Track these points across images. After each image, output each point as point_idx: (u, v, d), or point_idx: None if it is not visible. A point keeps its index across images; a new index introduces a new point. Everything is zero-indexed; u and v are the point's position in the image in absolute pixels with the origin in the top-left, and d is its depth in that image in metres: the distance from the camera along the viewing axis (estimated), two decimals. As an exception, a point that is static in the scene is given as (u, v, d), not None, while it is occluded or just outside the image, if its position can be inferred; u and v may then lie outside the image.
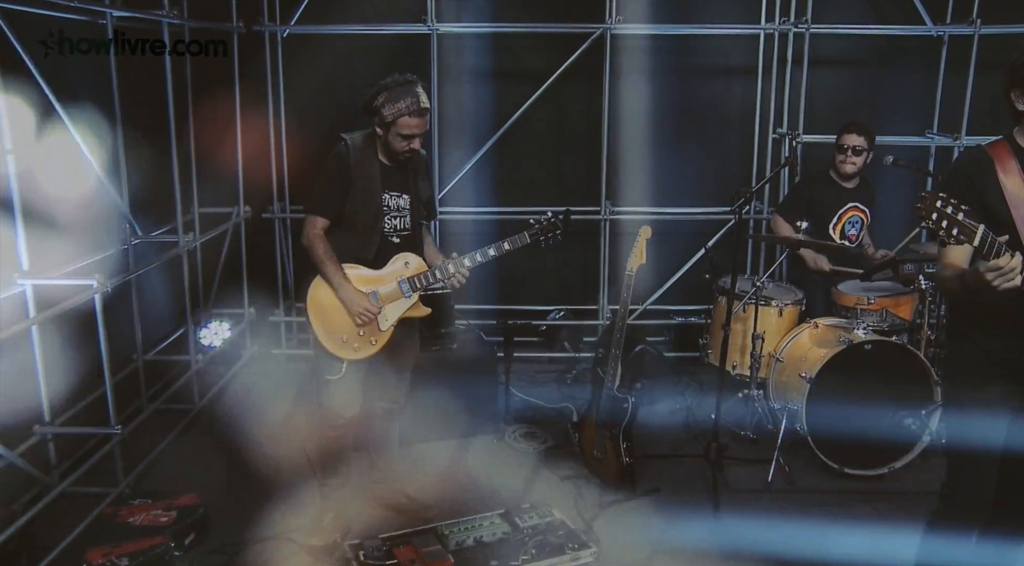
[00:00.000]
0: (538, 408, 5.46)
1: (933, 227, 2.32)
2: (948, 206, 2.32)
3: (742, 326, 4.92)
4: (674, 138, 6.35)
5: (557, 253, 6.55)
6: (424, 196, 3.86)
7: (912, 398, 4.43)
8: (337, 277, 3.61)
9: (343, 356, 3.69)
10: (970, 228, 2.36)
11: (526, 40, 6.19)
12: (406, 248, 3.76)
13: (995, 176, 2.70)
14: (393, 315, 3.72)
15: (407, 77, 3.53)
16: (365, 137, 3.66)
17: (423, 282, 3.72)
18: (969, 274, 2.54)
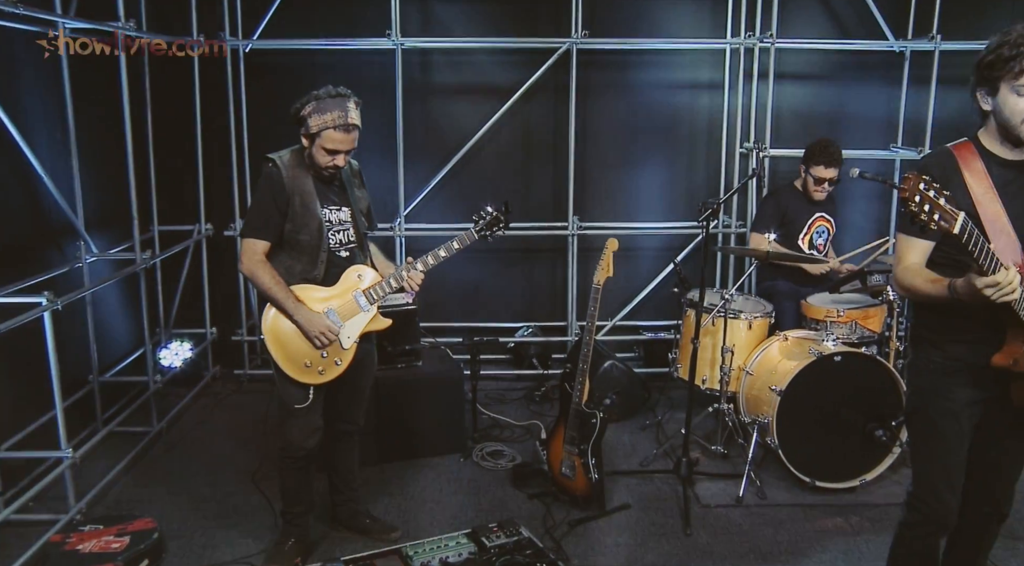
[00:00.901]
0: (506, 426, 5.37)
1: (916, 210, 2.26)
2: (931, 189, 2.27)
3: (711, 340, 4.86)
4: (642, 153, 6.35)
5: (525, 269, 6.52)
6: (363, 206, 3.73)
7: (882, 409, 4.40)
8: (289, 301, 3.44)
9: (309, 382, 3.53)
10: (951, 214, 2.30)
11: (492, 55, 6.15)
12: (355, 261, 3.64)
13: (960, 177, 2.66)
14: (354, 331, 3.60)
15: (340, 90, 3.37)
16: (293, 154, 3.51)
17: (380, 293, 3.61)
18: (959, 287, 2.50)
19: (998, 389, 2.76)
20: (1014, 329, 2.64)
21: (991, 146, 2.70)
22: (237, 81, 5.87)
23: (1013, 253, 2.59)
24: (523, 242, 6.42)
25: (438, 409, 4.89)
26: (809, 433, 4.42)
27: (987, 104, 2.65)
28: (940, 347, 2.83)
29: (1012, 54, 2.51)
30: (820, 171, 5.16)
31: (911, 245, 2.75)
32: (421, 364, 4.96)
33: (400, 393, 4.78)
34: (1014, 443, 2.92)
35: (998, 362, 2.66)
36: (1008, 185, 2.67)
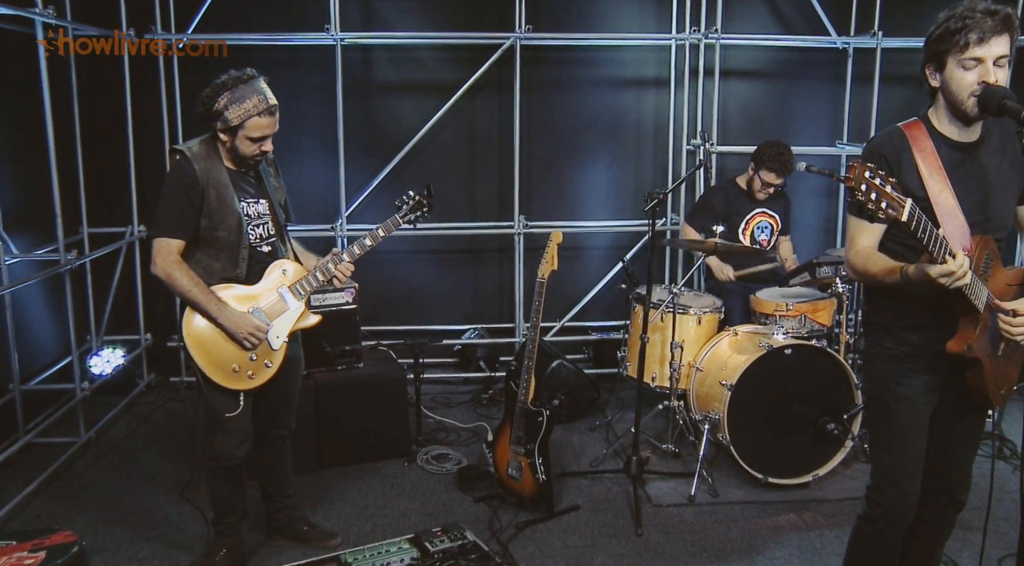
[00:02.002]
0: (452, 429, 5.21)
1: (862, 199, 2.17)
2: (876, 177, 2.18)
3: (660, 336, 4.77)
4: (589, 151, 6.26)
5: (471, 271, 6.38)
6: (280, 197, 3.54)
7: (834, 403, 4.33)
8: (212, 302, 3.21)
9: (239, 387, 3.31)
10: (898, 201, 2.22)
11: (435, 52, 6.02)
12: (278, 256, 3.45)
13: (911, 157, 2.59)
14: (283, 330, 3.39)
15: (247, 72, 3.17)
16: (203, 144, 3.27)
17: (306, 287, 3.41)
18: (912, 273, 2.42)
19: (953, 375, 2.69)
20: (966, 315, 2.58)
21: (941, 126, 2.65)
22: (170, 77, 5.66)
23: (962, 237, 2.53)
24: (469, 242, 6.29)
25: (380, 412, 4.71)
26: (761, 429, 4.33)
27: (935, 80, 2.60)
28: (893, 333, 2.76)
29: (958, 27, 2.46)
30: (769, 177, 5.11)
31: (862, 228, 2.67)
32: (362, 365, 4.78)
33: (340, 396, 4.60)
34: (968, 428, 2.86)
35: (952, 348, 2.59)
36: (957, 167, 2.61)
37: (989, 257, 2.58)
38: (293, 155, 5.81)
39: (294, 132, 5.86)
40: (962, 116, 2.57)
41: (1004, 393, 2.74)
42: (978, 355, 2.57)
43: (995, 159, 2.65)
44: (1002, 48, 2.46)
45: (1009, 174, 2.67)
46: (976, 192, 2.61)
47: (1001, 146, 2.67)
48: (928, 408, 2.75)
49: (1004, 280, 2.67)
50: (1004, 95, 2.42)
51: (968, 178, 2.61)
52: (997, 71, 2.47)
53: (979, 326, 2.56)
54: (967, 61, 2.47)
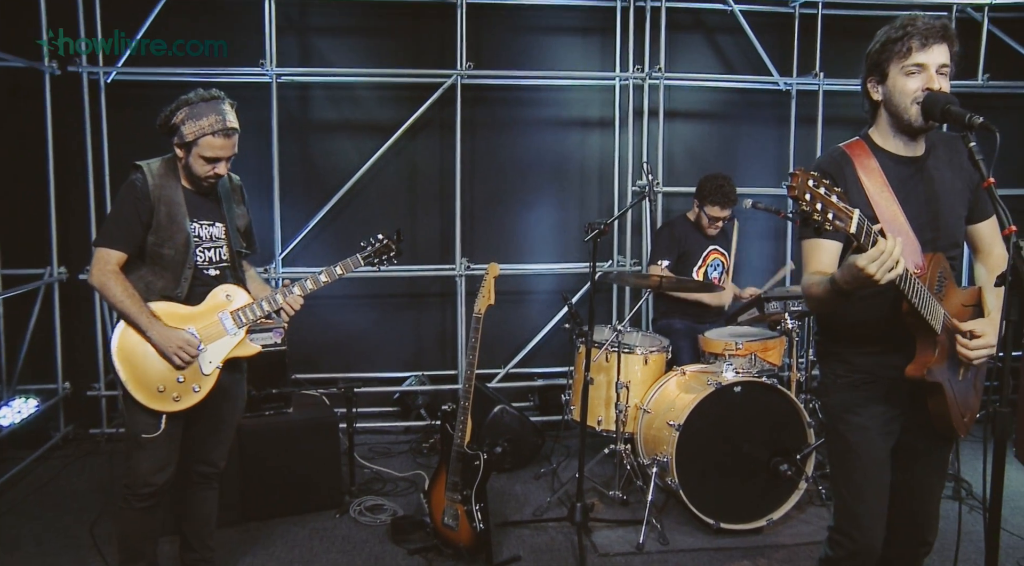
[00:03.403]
0: (388, 478, 4.91)
1: (807, 208, 2.01)
2: (821, 186, 2.03)
3: (606, 377, 4.56)
4: (533, 192, 6.12)
5: (412, 315, 6.15)
6: (241, 224, 3.39)
7: (786, 442, 4.15)
8: (143, 315, 3.06)
9: (161, 409, 3.11)
10: (846, 212, 2.07)
11: (375, 90, 5.88)
12: (226, 281, 3.28)
13: (855, 176, 2.47)
14: (217, 356, 3.18)
15: (212, 93, 3.10)
16: (165, 162, 3.20)
17: (249, 316, 3.23)
18: (838, 275, 2.25)
19: (912, 404, 2.52)
20: (923, 338, 2.42)
21: (884, 142, 2.54)
22: (97, 113, 5.42)
23: (913, 254, 2.40)
24: (410, 286, 6.07)
25: (311, 460, 4.42)
26: (711, 471, 4.13)
27: (877, 93, 2.51)
28: (847, 360, 2.60)
29: (899, 35, 2.41)
30: (715, 211, 5.02)
31: (812, 249, 2.52)
32: (291, 411, 4.49)
33: (267, 442, 4.31)
34: (933, 462, 2.68)
35: (911, 373, 2.42)
36: (904, 183, 2.49)
37: (942, 275, 2.44)
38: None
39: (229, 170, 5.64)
40: (906, 128, 2.46)
41: (967, 421, 2.58)
42: (938, 380, 2.41)
43: (943, 173, 2.54)
44: (943, 57, 2.41)
45: (958, 190, 2.56)
46: (926, 208, 2.49)
47: (948, 161, 2.56)
48: (888, 440, 2.58)
49: (960, 301, 2.53)
50: (947, 101, 2.32)
51: (916, 193, 2.50)
52: (940, 80, 2.40)
53: (937, 349, 2.41)
54: (910, 67, 2.40)
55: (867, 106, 2.56)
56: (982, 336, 2.38)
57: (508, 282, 6.11)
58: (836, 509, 2.66)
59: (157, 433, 3.12)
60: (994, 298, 2.55)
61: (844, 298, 2.29)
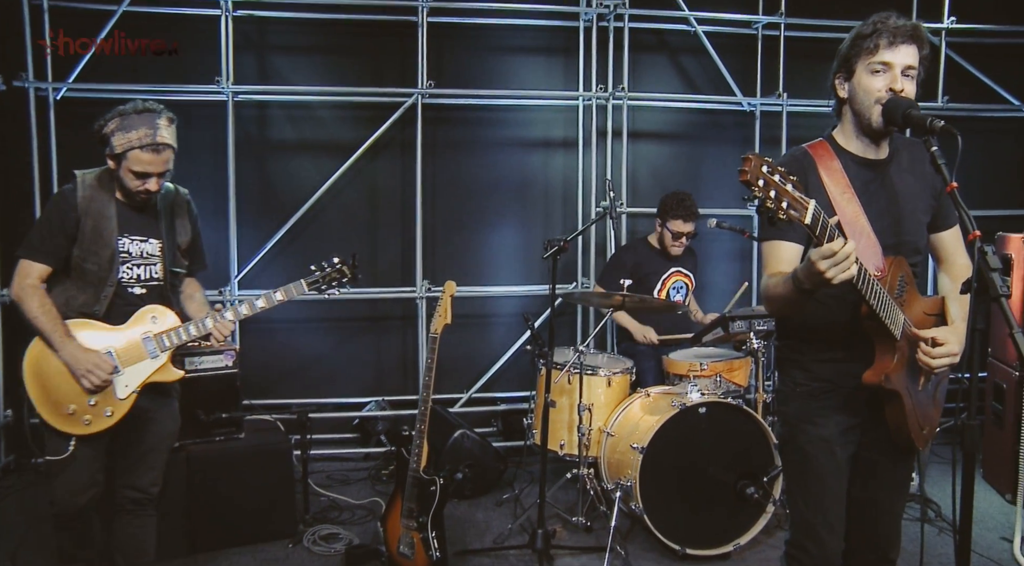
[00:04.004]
0: (345, 507, 4.74)
1: (760, 195, 1.93)
2: (776, 173, 1.94)
3: (568, 400, 4.44)
4: (495, 213, 6.02)
5: (373, 339, 6.00)
6: (183, 240, 3.26)
7: (753, 465, 4.05)
8: (57, 333, 2.94)
9: (70, 431, 2.98)
10: (801, 202, 1.99)
11: (335, 110, 5.77)
12: (154, 301, 3.14)
13: (818, 177, 2.40)
14: (135, 380, 3.04)
15: (149, 105, 3.00)
16: (101, 173, 3.10)
17: (174, 340, 3.09)
18: (799, 270, 2.17)
19: (871, 413, 2.44)
20: (883, 343, 2.35)
21: (847, 144, 2.49)
22: (45, 130, 5.26)
23: (874, 257, 2.33)
24: (370, 309, 5.93)
25: (263, 488, 4.25)
26: (676, 495, 4.02)
27: (843, 90, 2.45)
28: (805, 368, 2.52)
29: (869, 31, 2.36)
30: (678, 225, 4.95)
31: (773, 250, 2.45)
32: (243, 436, 4.32)
33: (216, 469, 4.14)
34: (893, 476, 2.59)
35: (868, 380, 2.35)
36: (868, 185, 2.43)
37: (904, 280, 2.37)
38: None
39: (182, 191, 5.51)
40: (868, 129, 2.41)
41: (927, 434, 2.50)
42: (896, 388, 2.33)
43: (906, 179, 2.48)
44: (910, 58, 2.35)
45: (921, 196, 2.50)
46: (888, 212, 2.43)
47: (911, 167, 2.51)
48: (846, 451, 2.49)
49: (922, 309, 2.46)
50: (908, 105, 2.27)
51: (879, 197, 2.43)
52: (905, 81, 2.34)
53: (897, 355, 2.33)
54: (876, 65, 2.34)
55: (834, 103, 2.51)
56: (944, 344, 2.30)
57: (470, 305, 6.00)
58: (792, 522, 2.58)
59: (64, 456, 3.00)
60: (958, 308, 2.48)
61: (806, 296, 2.21)
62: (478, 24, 5.84)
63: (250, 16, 5.54)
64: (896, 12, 2.37)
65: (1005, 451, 4.72)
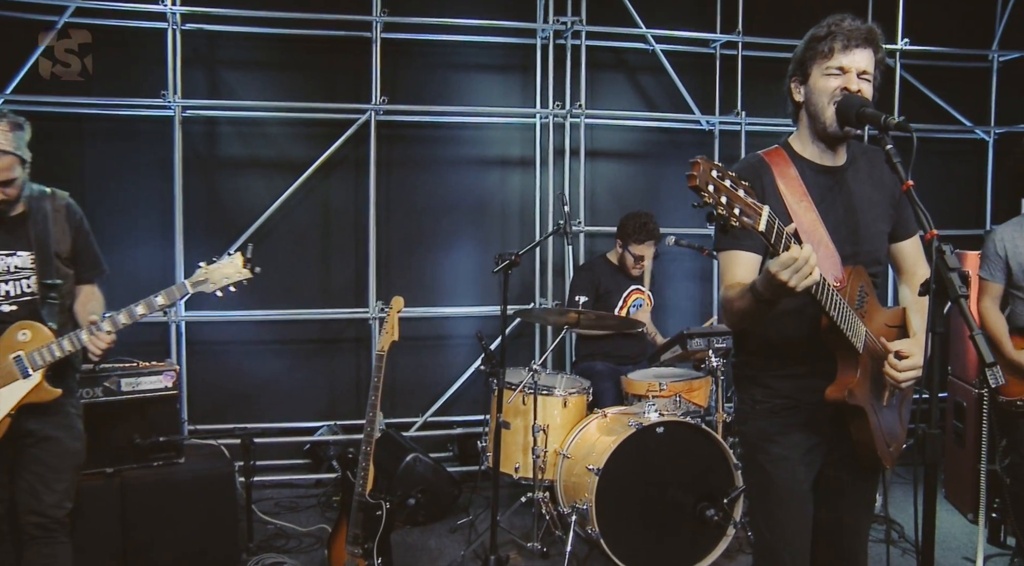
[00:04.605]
0: (292, 534, 4.56)
1: (711, 201, 1.83)
2: (726, 178, 1.85)
3: (523, 421, 4.31)
4: (452, 232, 5.90)
5: (325, 362, 5.83)
6: (62, 248, 3.07)
7: (712, 486, 3.94)
8: None
9: None
10: (754, 208, 1.89)
11: (287, 127, 5.63)
12: (26, 317, 2.95)
13: (774, 184, 2.32)
14: (7, 402, 2.86)
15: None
16: None
17: (46, 357, 2.90)
18: (759, 282, 2.07)
19: (835, 430, 2.34)
20: (844, 355, 2.25)
21: (804, 150, 2.40)
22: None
23: (832, 266, 2.24)
24: (322, 330, 5.76)
25: (204, 516, 4.04)
26: (634, 519, 3.89)
27: (799, 94, 2.38)
28: (764, 384, 2.41)
29: (823, 35, 2.29)
30: (639, 249, 4.88)
31: (730, 261, 2.35)
32: (183, 461, 4.12)
33: (153, 496, 3.93)
34: (858, 496, 2.48)
35: (831, 395, 2.24)
36: (826, 193, 2.35)
37: (863, 290, 2.27)
38: (126, 235, 5.28)
39: (127, 210, 5.34)
40: (823, 133, 2.33)
41: (893, 451, 2.39)
42: (861, 403, 2.23)
43: (864, 187, 2.40)
44: (866, 62, 2.29)
45: (879, 204, 2.42)
46: (846, 221, 2.34)
47: (869, 174, 2.43)
48: (810, 471, 2.38)
49: (884, 321, 2.37)
50: (862, 103, 2.20)
51: (837, 205, 2.35)
52: (861, 84, 2.28)
53: (860, 369, 2.23)
54: (831, 69, 2.28)
55: (791, 108, 2.43)
56: (909, 357, 2.21)
57: (426, 326, 5.87)
58: (756, 547, 2.47)
59: None
60: (920, 319, 2.39)
61: (766, 307, 2.10)
62: (434, 41, 5.75)
63: (200, 30, 5.40)
64: (851, 14, 2.30)
65: (967, 470, 4.66)
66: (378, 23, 5.41)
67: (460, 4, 5.70)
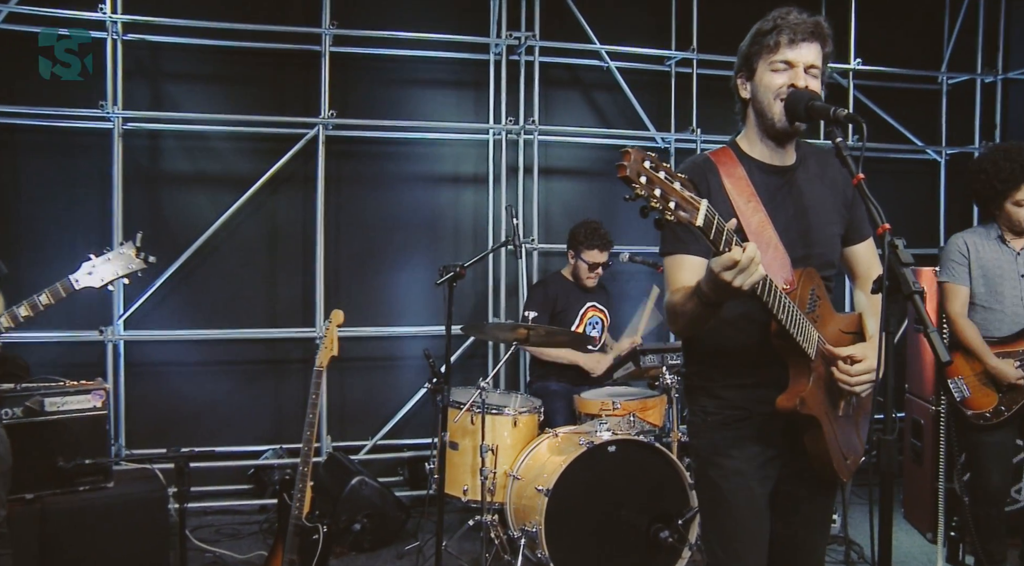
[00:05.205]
0: (230, 562, 4.36)
1: (643, 194, 1.72)
2: (660, 170, 1.74)
3: (472, 442, 4.16)
4: (403, 250, 5.77)
5: (271, 384, 5.64)
6: None
7: (667, 507, 3.82)
8: None
9: None
10: (691, 202, 1.78)
11: (234, 141, 5.47)
12: None
13: (720, 185, 2.22)
14: None
15: None
16: None
17: None
18: (703, 283, 1.96)
19: (789, 443, 2.23)
20: (795, 362, 2.15)
21: (751, 150, 2.31)
22: None
23: (782, 268, 2.14)
24: (268, 351, 5.58)
25: (133, 544, 3.84)
26: (585, 541, 3.75)
27: (746, 90, 2.29)
28: (715, 395, 2.30)
29: (769, 28, 2.20)
30: (592, 255, 4.77)
31: (675, 266, 2.25)
32: (112, 486, 3.91)
33: (77, 522, 3.72)
34: (814, 512, 2.37)
35: (782, 404, 2.13)
36: (775, 194, 2.26)
37: (815, 294, 2.17)
38: (63, 251, 5.06)
39: (65, 225, 5.14)
40: (770, 129, 2.24)
41: (850, 464, 2.28)
42: (814, 412, 2.12)
43: (814, 187, 2.31)
44: (813, 56, 2.20)
45: (831, 206, 2.33)
46: (796, 223, 2.25)
47: (819, 175, 2.34)
48: (765, 486, 2.27)
49: (838, 327, 2.27)
50: (811, 97, 2.12)
51: (786, 206, 2.26)
52: (809, 79, 2.19)
53: (812, 377, 2.12)
54: (777, 63, 2.19)
55: (737, 106, 2.35)
56: (863, 360, 2.11)
57: (376, 347, 5.72)
58: None
59: None
60: (875, 323, 2.29)
61: (712, 310, 2.00)
62: (385, 55, 5.65)
63: (143, 41, 5.24)
64: (797, 7, 2.22)
65: (925, 489, 4.59)
66: (327, 36, 5.30)
67: (412, 18, 5.60)
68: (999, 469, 3.76)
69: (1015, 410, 3.64)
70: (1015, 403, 3.63)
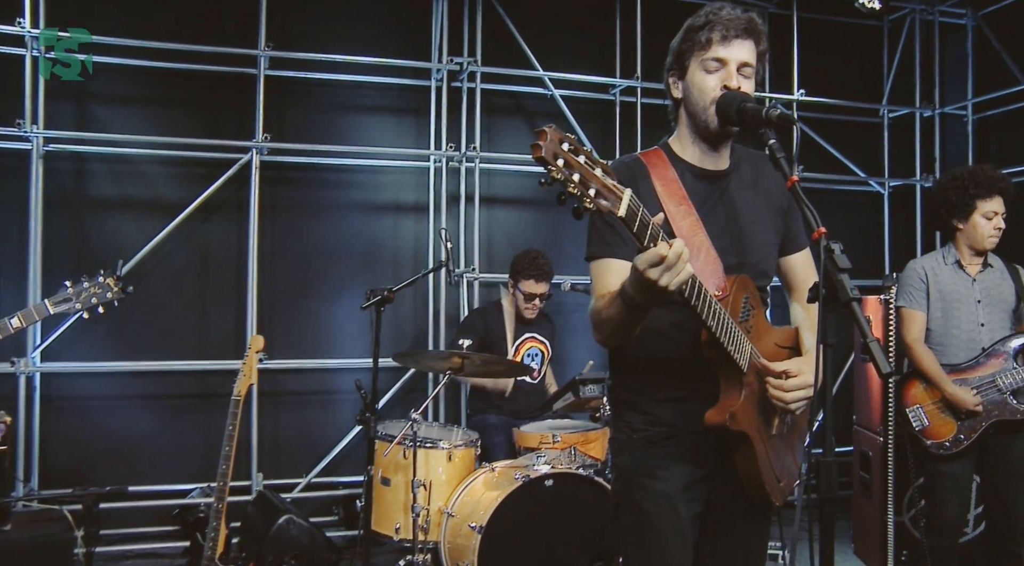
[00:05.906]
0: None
1: (560, 177, 1.57)
2: (580, 154, 1.60)
3: (405, 477, 3.96)
4: (340, 280, 5.58)
5: (201, 418, 5.37)
6: None
7: (607, 544, 3.65)
8: None
9: None
10: (613, 191, 1.64)
11: (164, 165, 5.26)
12: None
13: (651, 187, 2.10)
14: None
15: None
16: None
17: None
18: (628, 284, 1.82)
19: (720, 463, 2.09)
20: (727, 375, 2.02)
21: (684, 152, 2.20)
22: None
23: (714, 274, 2.03)
24: (198, 384, 5.32)
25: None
26: (521, 581, 3.56)
27: (677, 90, 2.19)
28: (642, 410, 2.16)
29: (700, 25, 2.10)
30: (530, 286, 4.64)
31: (601, 271, 2.13)
32: (10, 528, 3.63)
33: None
34: (747, 539, 2.23)
35: (711, 419, 2.00)
36: (707, 199, 2.15)
37: (748, 302, 2.05)
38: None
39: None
40: (703, 132, 2.14)
41: (784, 486, 2.15)
42: (745, 429, 1.98)
43: (747, 194, 2.20)
44: (746, 54, 2.10)
45: (765, 213, 2.22)
46: (729, 229, 2.13)
47: (754, 181, 2.23)
48: (692, 509, 2.12)
49: (774, 340, 2.15)
50: (743, 99, 2.00)
51: (719, 212, 2.14)
52: (741, 79, 2.09)
53: (744, 391, 2.00)
54: (709, 62, 2.09)
55: (669, 106, 2.25)
56: (798, 375, 1.98)
57: (311, 380, 5.51)
58: None
59: None
60: (812, 337, 2.17)
61: (639, 314, 1.86)
62: (324, 79, 5.50)
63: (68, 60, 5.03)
64: (731, 3, 2.12)
65: (874, 523, 4.47)
66: (263, 58, 5.16)
67: (352, 42, 5.48)
68: (955, 500, 3.68)
69: (974, 439, 3.56)
70: (974, 431, 3.56)
